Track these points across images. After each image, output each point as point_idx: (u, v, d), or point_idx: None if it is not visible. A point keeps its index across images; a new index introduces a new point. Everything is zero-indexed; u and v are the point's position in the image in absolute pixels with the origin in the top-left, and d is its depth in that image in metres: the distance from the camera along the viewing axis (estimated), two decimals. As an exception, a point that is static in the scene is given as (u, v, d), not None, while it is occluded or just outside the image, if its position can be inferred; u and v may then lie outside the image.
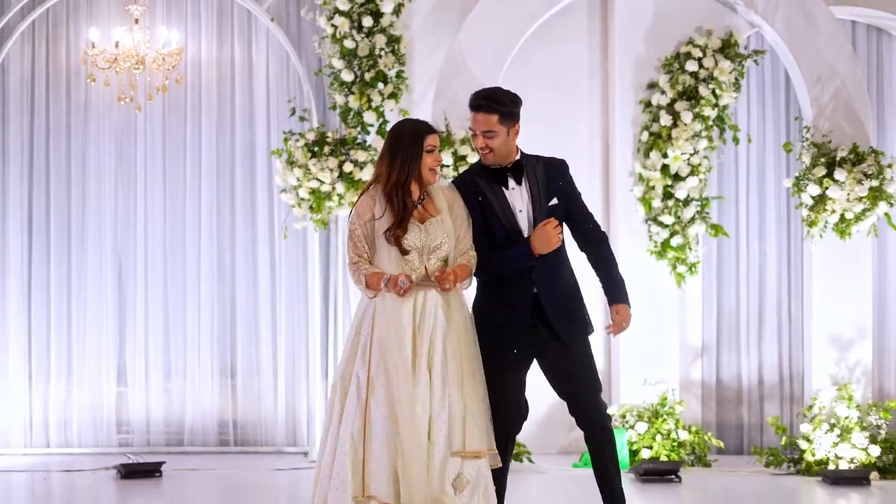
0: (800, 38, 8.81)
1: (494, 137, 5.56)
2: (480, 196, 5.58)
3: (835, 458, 8.11)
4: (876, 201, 8.44)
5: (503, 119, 5.56)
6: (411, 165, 5.22)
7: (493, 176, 5.60)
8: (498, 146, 5.58)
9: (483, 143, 5.57)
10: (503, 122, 5.56)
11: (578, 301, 5.69)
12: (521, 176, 5.62)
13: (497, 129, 5.56)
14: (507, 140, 5.60)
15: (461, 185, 5.66)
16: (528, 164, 5.67)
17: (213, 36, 9.33)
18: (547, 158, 5.82)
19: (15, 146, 9.22)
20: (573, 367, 5.59)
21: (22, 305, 9.19)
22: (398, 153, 5.23)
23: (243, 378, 9.29)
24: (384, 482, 4.93)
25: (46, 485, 7.80)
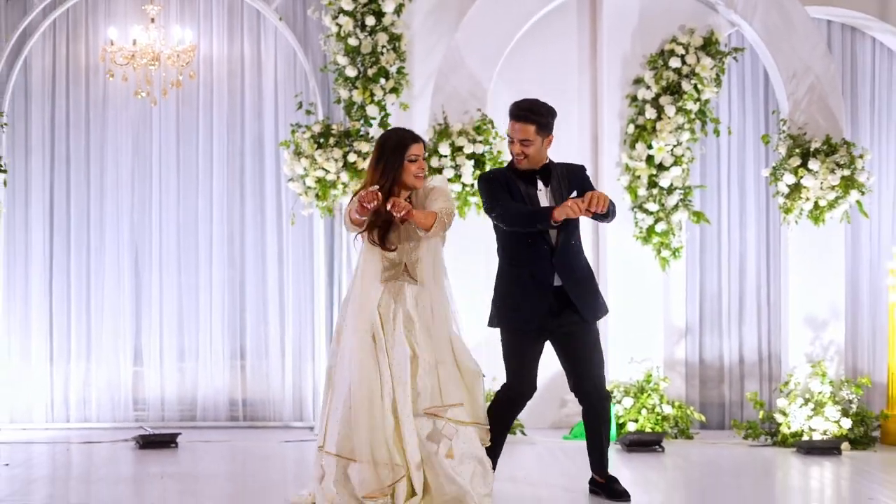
0: (777, 37, 9.06)
1: (530, 146, 6.00)
2: (513, 188, 6.00)
3: (809, 430, 8.46)
4: (848, 190, 8.74)
5: (540, 129, 5.99)
6: (395, 173, 5.63)
7: (524, 177, 6.05)
8: (533, 154, 6.01)
9: (520, 150, 6.00)
10: (539, 133, 5.99)
11: (595, 285, 6.15)
12: (548, 179, 6.06)
13: (533, 139, 5.98)
14: (541, 149, 6.03)
15: (496, 174, 6.10)
16: (555, 169, 6.09)
17: (225, 34, 9.53)
18: (568, 165, 6.23)
19: (37, 138, 9.44)
20: (587, 346, 6.07)
21: (43, 289, 9.44)
22: (382, 161, 5.64)
23: (252, 359, 9.55)
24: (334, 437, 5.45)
25: (68, 455, 8.07)
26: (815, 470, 7.60)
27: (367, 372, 5.49)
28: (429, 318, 5.66)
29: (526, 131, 6.00)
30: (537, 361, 6.11)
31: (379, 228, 5.67)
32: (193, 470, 7.37)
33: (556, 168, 6.13)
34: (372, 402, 5.46)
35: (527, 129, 6.00)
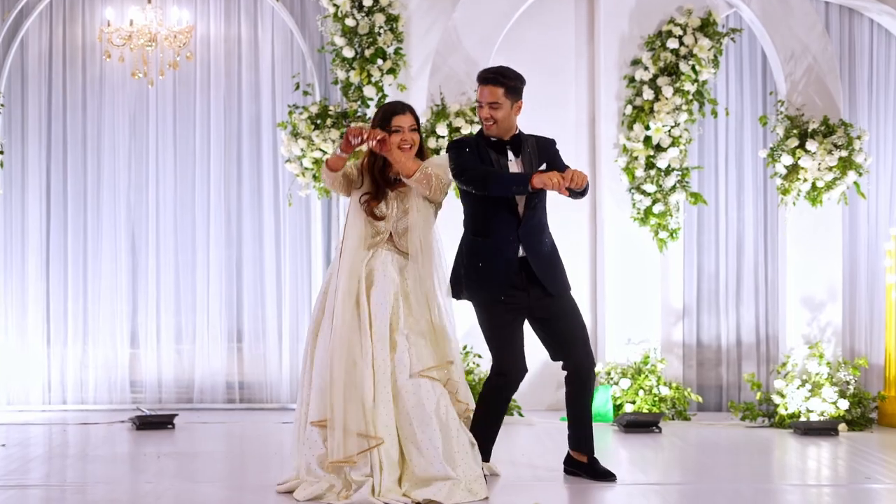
0: (774, 18, 9.10)
1: (499, 109, 5.93)
2: (483, 156, 5.93)
3: (806, 411, 8.47)
4: (845, 170, 8.78)
5: (508, 93, 5.94)
6: None
7: (495, 146, 5.98)
8: (501, 118, 5.94)
9: (488, 114, 5.94)
10: (508, 96, 5.93)
11: (559, 261, 6.08)
12: (519, 149, 6.00)
13: (502, 102, 5.93)
14: (510, 114, 5.96)
15: (467, 141, 6.04)
16: (525, 140, 6.03)
17: (222, 15, 9.58)
18: (538, 137, 6.16)
19: (34, 119, 9.48)
20: (563, 317, 6.01)
21: (40, 271, 9.49)
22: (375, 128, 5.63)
23: (249, 341, 9.59)
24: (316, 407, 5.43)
25: (65, 435, 8.06)
26: (812, 450, 7.60)
27: (349, 340, 5.47)
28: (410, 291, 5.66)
29: (494, 93, 5.96)
30: (520, 337, 6.03)
31: (368, 195, 5.68)
32: (190, 450, 7.38)
33: (527, 139, 6.09)
34: (351, 369, 5.43)
35: (495, 91, 5.96)
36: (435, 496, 5.31)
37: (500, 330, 5.99)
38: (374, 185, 5.68)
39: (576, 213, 9.26)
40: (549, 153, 6.10)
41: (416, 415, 5.44)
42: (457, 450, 5.47)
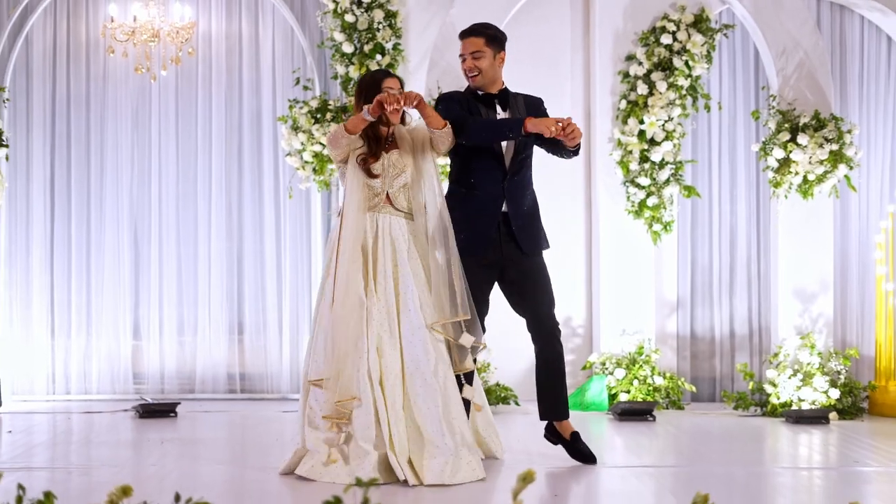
0: (766, 14, 9.15)
1: (482, 58, 5.99)
2: (472, 109, 5.97)
3: (798, 400, 8.55)
4: (836, 164, 8.83)
5: (489, 42, 6.00)
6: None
7: (483, 100, 6.03)
8: (485, 68, 5.99)
9: (471, 64, 6.00)
10: (489, 45, 5.99)
11: (538, 219, 6.11)
12: (506, 104, 6.05)
13: (484, 51, 5.99)
14: (493, 64, 6.02)
15: (456, 94, 6.10)
16: (512, 96, 6.08)
17: (223, 11, 9.62)
18: (526, 95, 6.21)
19: (38, 114, 9.52)
20: (531, 277, 6.02)
21: (45, 264, 9.53)
22: (362, 97, 5.75)
23: (250, 333, 9.63)
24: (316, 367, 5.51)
25: (69, 423, 8.11)
26: (803, 437, 7.67)
27: (353, 300, 5.54)
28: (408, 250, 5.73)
29: (476, 43, 6.02)
30: (488, 287, 6.02)
31: (363, 153, 5.76)
32: (192, 436, 7.43)
33: (515, 96, 6.13)
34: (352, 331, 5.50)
35: (476, 41, 6.02)
36: (440, 478, 5.33)
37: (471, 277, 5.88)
38: (368, 145, 5.76)
39: (571, 206, 9.34)
40: (538, 111, 6.12)
41: (416, 376, 5.51)
42: (455, 416, 5.53)
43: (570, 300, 9.29)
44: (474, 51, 6.01)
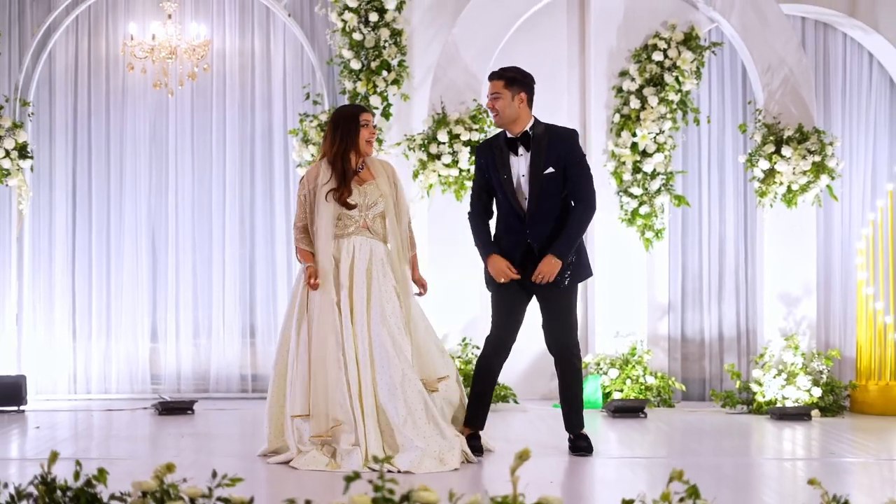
0: (753, 32, 9.35)
1: (499, 100, 6.17)
2: (488, 160, 6.25)
3: (782, 398, 8.80)
4: (818, 174, 9.07)
5: (508, 84, 6.18)
6: (349, 139, 6.05)
7: (508, 143, 6.24)
8: (502, 108, 6.17)
9: (491, 105, 6.23)
10: (508, 88, 6.17)
11: (580, 247, 6.26)
12: (528, 144, 6.20)
13: (502, 93, 6.18)
14: (512, 104, 6.17)
15: (484, 147, 6.36)
16: (537, 134, 6.21)
17: (237, 30, 9.85)
18: (556, 128, 6.32)
19: (61, 126, 9.74)
20: (554, 305, 6.28)
21: (67, 269, 9.74)
22: (338, 130, 6.07)
23: (262, 336, 9.86)
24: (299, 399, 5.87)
25: (90, 420, 8.35)
26: (787, 432, 7.93)
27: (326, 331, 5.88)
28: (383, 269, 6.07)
29: (495, 86, 6.20)
30: (510, 313, 6.29)
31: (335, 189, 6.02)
32: (208, 431, 7.66)
33: (541, 133, 6.22)
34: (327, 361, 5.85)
35: (496, 83, 6.21)
36: (410, 467, 5.68)
37: (500, 304, 6.31)
38: (339, 178, 6.03)
39: None
40: (563, 146, 6.22)
41: (385, 385, 5.88)
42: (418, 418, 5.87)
43: None
44: (493, 92, 6.21)
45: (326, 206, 6.03)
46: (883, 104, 10.04)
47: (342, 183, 6.02)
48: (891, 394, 8.88)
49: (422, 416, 5.88)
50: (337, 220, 6.04)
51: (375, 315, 5.97)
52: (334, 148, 6.07)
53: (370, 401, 5.86)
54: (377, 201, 6.10)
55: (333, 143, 6.07)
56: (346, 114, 6.17)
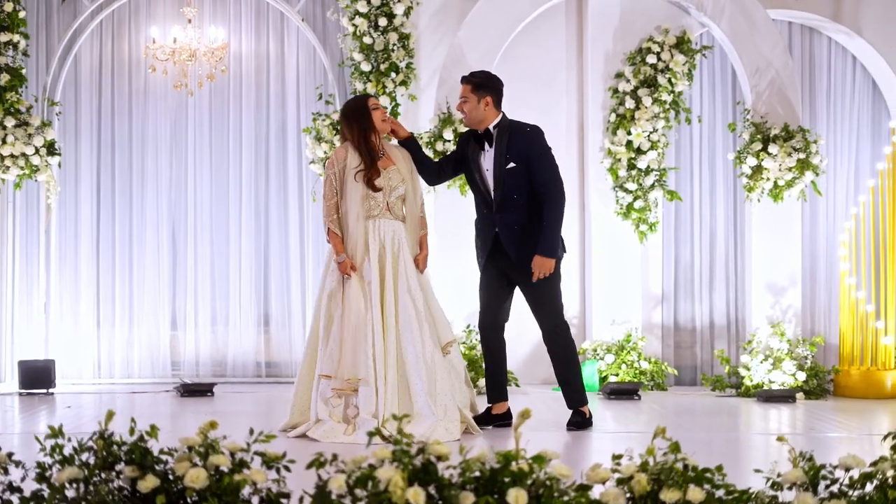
0: (742, 36, 9.61)
1: (465, 103, 6.52)
2: (464, 150, 6.62)
3: (768, 382, 9.09)
4: (803, 171, 9.36)
5: (475, 89, 6.50)
6: (365, 123, 6.39)
7: (477, 139, 6.60)
8: (469, 111, 6.53)
9: (459, 107, 6.60)
10: (474, 92, 6.50)
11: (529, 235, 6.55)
12: (491, 141, 6.54)
13: (468, 97, 6.51)
14: (478, 107, 6.49)
15: (464, 138, 6.70)
16: (501, 132, 6.52)
17: (253, 33, 10.11)
18: (518, 125, 6.60)
19: (85, 125, 10.00)
20: (532, 291, 6.62)
21: (91, 260, 10.00)
22: (353, 120, 6.42)
23: (276, 325, 10.12)
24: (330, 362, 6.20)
25: (117, 401, 8.62)
26: (773, 412, 8.25)
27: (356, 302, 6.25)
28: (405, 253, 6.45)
29: (463, 90, 6.54)
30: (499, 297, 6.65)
31: (362, 169, 6.36)
32: (227, 410, 7.97)
33: (504, 129, 6.52)
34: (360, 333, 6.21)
35: (464, 88, 6.54)
36: (421, 436, 5.96)
37: (484, 289, 6.73)
38: (367, 161, 6.36)
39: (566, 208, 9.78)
40: (523, 141, 6.51)
41: (410, 356, 6.26)
42: (438, 391, 6.25)
43: (565, 293, 9.52)
44: (462, 96, 6.55)
45: (355, 187, 6.35)
46: (865, 105, 10.29)
47: (371, 165, 6.35)
48: (871, 378, 9.20)
49: (438, 387, 6.25)
50: (363, 201, 6.35)
51: (402, 292, 6.33)
52: (355, 134, 6.40)
53: (392, 372, 6.22)
54: (399, 185, 6.44)
55: (353, 130, 6.40)
56: (354, 105, 6.51)
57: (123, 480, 3.86)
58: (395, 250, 6.41)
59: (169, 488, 3.84)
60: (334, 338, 6.27)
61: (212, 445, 3.95)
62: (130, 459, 3.92)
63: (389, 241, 6.40)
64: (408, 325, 6.31)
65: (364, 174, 6.34)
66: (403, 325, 6.32)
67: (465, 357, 9.00)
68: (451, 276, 9.15)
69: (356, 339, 6.22)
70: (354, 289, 6.29)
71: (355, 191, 6.36)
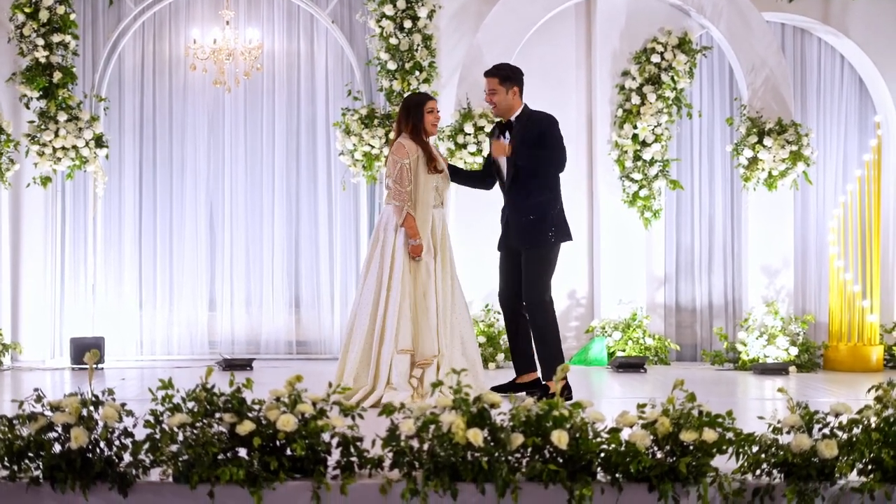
0: (739, 37, 9.96)
1: (495, 95, 6.88)
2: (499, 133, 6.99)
3: (763, 357, 9.54)
4: (795, 162, 9.75)
5: (502, 81, 6.87)
6: (419, 123, 6.78)
7: (502, 127, 7.00)
8: (499, 102, 6.88)
9: (489, 99, 6.94)
10: (503, 84, 6.86)
11: (533, 221, 6.93)
12: (512, 130, 6.93)
13: (497, 89, 6.86)
14: (507, 97, 6.84)
15: (495, 125, 7.09)
16: (520, 121, 6.89)
17: (285, 34, 10.45)
18: (535, 114, 6.96)
19: (129, 120, 10.38)
20: (524, 266, 7.05)
21: (134, 247, 10.38)
22: (410, 115, 6.81)
23: (306, 306, 10.49)
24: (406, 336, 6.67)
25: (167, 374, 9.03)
26: (767, 383, 8.76)
27: (426, 285, 6.78)
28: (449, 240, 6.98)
29: (491, 82, 6.86)
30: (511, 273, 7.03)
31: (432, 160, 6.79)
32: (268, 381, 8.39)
33: (523, 118, 6.87)
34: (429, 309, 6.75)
35: (492, 80, 6.87)
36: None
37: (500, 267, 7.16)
38: (427, 152, 6.80)
39: (576, 197, 10.12)
40: (536, 130, 6.88)
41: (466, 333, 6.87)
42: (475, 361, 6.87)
43: (575, 275, 10.18)
44: (490, 89, 6.89)
45: (428, 178, 6.74)
46: (853, 100, 10.63)
47: (431, 155, 6.76)
48: (858, 353, 9.69)
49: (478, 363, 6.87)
50: (431, 190, 6.76)
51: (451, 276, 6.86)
52: (410, 127, 6.78)
53: (453, 346, 6.75)
54: (446, 178, 6.94)
55: (408, 123, 6.79)
56: (415, 101, 6.87)
57: (223, 426, 4.46)
58: (447, 238, 6.87)
59: (262, 431, 4.43)
60: (407, 316, 6.67)
61: (298, 396, 4.55)
62: (228, 408, 4.52)
63: (440, 229, 6.85)
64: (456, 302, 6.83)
65: (433, 163, 6.71)
66: (458, 305, 6.84)
67: (483, 334, 9.57)
68: (468, 258, 9.45)
69: (429, 318, 6.68)
70: (424, 271, 6.73)
71: (428, 181, 6.72)
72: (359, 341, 6.81)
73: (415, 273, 6.76)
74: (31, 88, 9.67)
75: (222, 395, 4.53)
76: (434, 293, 6.75)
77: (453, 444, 4.17)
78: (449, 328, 6.80)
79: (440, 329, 6.75)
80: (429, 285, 6.74)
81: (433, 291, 6.74)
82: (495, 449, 4.20)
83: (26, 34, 9.63)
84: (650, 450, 4.38)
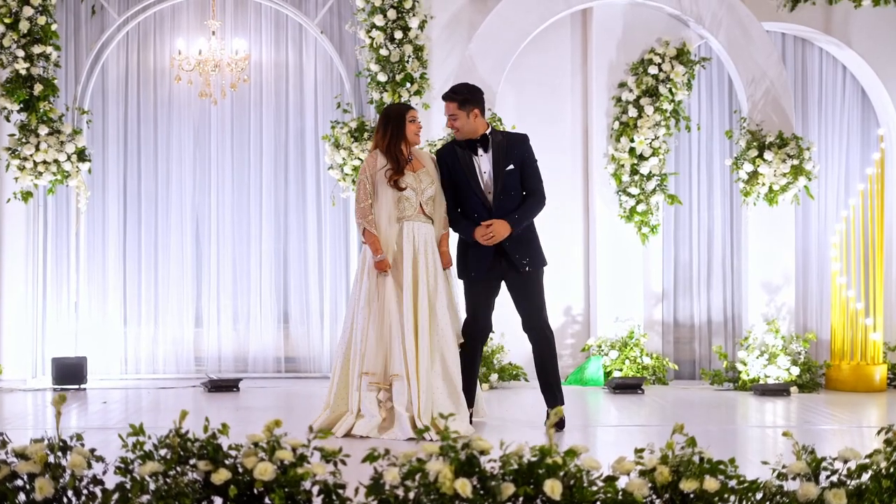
0: (738, 48, 9.88)
1: (457, 120, 6.75)
2: (453, 159, 6.77)
3: (764, 377, 9.44)
4: (797, 176, 9.65)
5: (461, 105, 6.73)
6: (399, 132, 6.68)
7: (467, 146, 6.80)
8: (461, 126, 6.75)
9: (450, 124, 6.83)
10: (461, 108, 6.73)
11: (533, 241, 6.85)
12: (487, 146, 6.77)
13: (457, 114, 6.74)
14: (469, 121, 6.72)
15: (442, 153, 6.86)
16: (494, 138, 6.79)
17: (272, 45, 10.35)
18: (510, 133, 6.88)
19: (113, 132, 10.24)
20: (526, 291, 6.85)
21: (118, 263, 10.24)
22: (389, 125, 6.71)
23: (295, 323, 10.38)
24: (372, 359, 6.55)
25: (150, 396, 8.89)
26: (768, 405, 8.63)
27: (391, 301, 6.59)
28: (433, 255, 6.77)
29: (450, 108, 6.75)
30: (489, 305, 6.84)
31: (391, 169, 6.64)
32: (255, 405, 8.30)
33: (497, 136, 6.76)
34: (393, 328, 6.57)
35: (450, 105, 6.75)
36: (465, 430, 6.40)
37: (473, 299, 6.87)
38: (394, 164, 6.66)
39: (572, 212, 10.11)
40: (520, 148, 6.78)
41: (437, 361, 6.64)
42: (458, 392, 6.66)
43: (571, 292, 10.10)
44: (450, 114, 6.76)
45: (386, 190, 6.65)
46: (855, 112, 10.56)
47: (397, 168, 6.64)
48: (861, 372, 9.57)
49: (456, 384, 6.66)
50: (397, 203, 6.64)
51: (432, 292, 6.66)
52: (386, 140, 6.69)
53: (424, 369, 6.56)
54: (428, 187, 6.74)
55: (385, 135, 6.69)
56: (395, 111, 6.77)
57: (198, 473, 4.24)
58: (427, 252, 6.70)
59: (239, 480, 4.22)
60: (371, 336, 6.60)
61: (277, 441, 4.33)
62: (203, 455, 4.30)
63: (422, 244, 6.69)
64: (440, 321, 6.63)
65: (391, 175, 6.61)
66: (437, 320, 6.63)
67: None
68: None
69: (391, 337, 6.56)
70: (389, 288, 6.61)
71: (386, 193, 6.64)
72: (339, 362, 6.81)
73: (382, 290, 6.64)
74: (12, 101, 9.54)
75: (196, 440, 4.30)
76: (401, 311, 6.60)
77: (440, 495, 3.97)
78: (426, 347, 6.62)
79: (410, 347, 6.58)
80: (393, 303, 6.58)
81: (398, 309, 6.60)
82: (484, 499, 4.00)
83: (6, 45, 9.48)
84: (648, 498, 4.16)
